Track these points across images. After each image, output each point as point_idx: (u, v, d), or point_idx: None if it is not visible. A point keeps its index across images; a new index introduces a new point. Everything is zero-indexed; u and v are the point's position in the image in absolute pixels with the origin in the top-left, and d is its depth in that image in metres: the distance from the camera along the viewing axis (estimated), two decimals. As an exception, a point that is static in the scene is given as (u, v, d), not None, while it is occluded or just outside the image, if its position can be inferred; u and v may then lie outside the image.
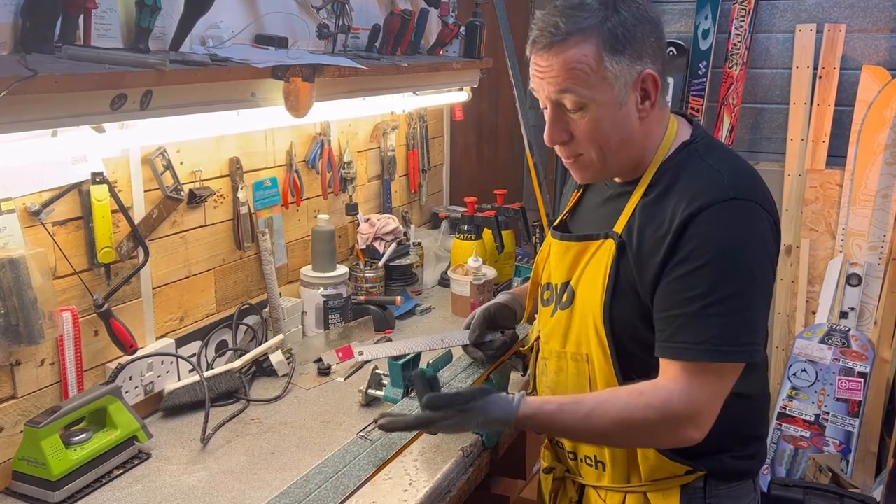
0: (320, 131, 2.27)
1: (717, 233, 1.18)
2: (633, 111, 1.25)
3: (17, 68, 1.02)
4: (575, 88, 1.22)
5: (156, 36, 1.35)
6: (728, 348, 1.17)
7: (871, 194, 2.88)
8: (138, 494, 1.44)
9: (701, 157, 1.28)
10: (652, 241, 1.24)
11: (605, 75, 1.21)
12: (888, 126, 2.83)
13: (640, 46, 1.22)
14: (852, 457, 2.81)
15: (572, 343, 1.35)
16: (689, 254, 1.19)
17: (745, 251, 1.19)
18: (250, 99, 1.56)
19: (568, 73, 1.22)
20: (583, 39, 1.20)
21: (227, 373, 1.82)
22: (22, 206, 1.43)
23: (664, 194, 1.26)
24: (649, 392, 1.20)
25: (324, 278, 2.18)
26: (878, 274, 2.89)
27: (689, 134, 1.33)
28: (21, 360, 1.46)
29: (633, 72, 1.22)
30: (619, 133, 1.26)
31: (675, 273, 1.20)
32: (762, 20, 3.11)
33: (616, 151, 1.28)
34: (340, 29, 1.84)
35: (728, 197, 1.20)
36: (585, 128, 1.26)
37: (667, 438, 1.23)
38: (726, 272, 1.17)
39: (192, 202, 1.82)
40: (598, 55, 1.20)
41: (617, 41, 1.20)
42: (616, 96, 1.22)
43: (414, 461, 1.54)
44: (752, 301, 1.18)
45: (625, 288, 1.27)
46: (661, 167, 1.29)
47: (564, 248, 1.38)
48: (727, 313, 1.17)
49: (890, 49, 2.93)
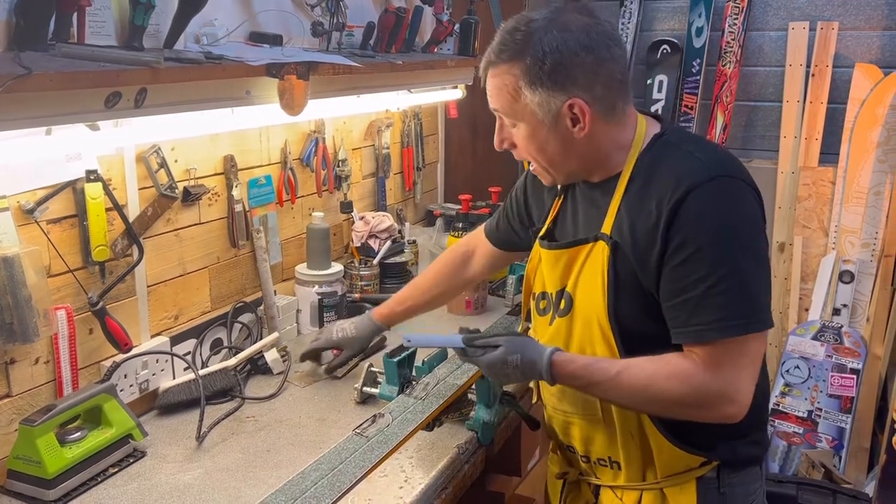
0: (315, 129, 2.27)
1: (708, 213, 1.20)
2: (566, 132, 1.27)
3: (11, 66, 1.02)
4: (503, 109, 1.31)
5: (150, 34, 1.34)
6: (740, 321, 1.19)
7: (863, 191, 2.89)
8: (133, 493, 1.43)
9: (676, 146, 1.30)
10: (644, 233, 1.25)
11: (526, 102, 1.25)
12: (880, 124, 2.85)
13: (566, 77, 1.22)
14: (845, 453, 2.83)
15: (575, 348, 1.35)
16: (685, 239, 1.20)
17: (737, 226, 1.21)
18: (245, 97, 1.56)
19: (497, 94, 1.29)
20: (506, 68, 1.26)
21: (222, 371, 1.82)
22: (16, 204, 1.42)
23: (646, 186, 1.27)
24: (675, 362, 1.23)
25: (318, 276, 2.18)
26: (871, 271, 2.90)
27: (660, 128, 1.35)
28: (15, 359, 1.46)
29: (557, 101, 1.24)
30: (553, 149, 1.30)
31: (674, 260, 1.22)
32: (755, 18, 3.12)
33: (558, 163, 1.33)
34: (335, 26, 1.84)
35: (711, 176, 1.22)
36: (520, 141, 1.32)
37: (701, 413, 1.24)
38: (724, 250, 1.20)
39: (187, 200, 1.82)
40: (515, 85, 1.25)
41: (535, 74, 1.23)
42: (541, 120, 1.27)
43: (409, 458, 1.54)
44: (753, 272, 1.21)
45: (626, 285, 1.28)
46: (638, 162, 1.30)
47: (554, 256, 1.39)
48: (733, 288, 1.19)
49: (882, 47, 2.95)
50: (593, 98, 1.25)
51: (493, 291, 2.49)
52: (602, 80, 1.25)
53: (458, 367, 1.64)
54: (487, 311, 2.38)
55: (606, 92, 1.26)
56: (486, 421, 1.62)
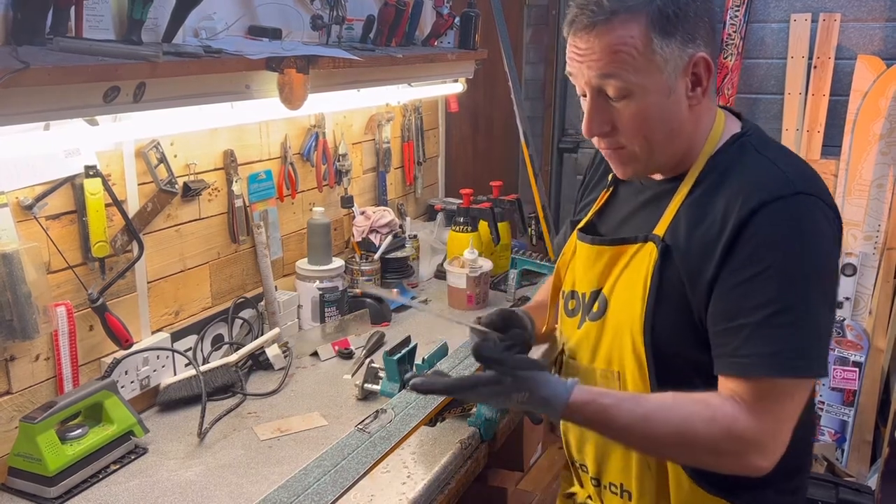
0: (315, 123, 2.26)
1: (782, 232, 1.05)
2: (683, 99, 1.13)
3: (9, 60, 1.01)
4: (620, 74, 1.09)
5: (148, 27, 1.33)
6: (800, 361, 1.04)
7: (865, 184, 2.88)
8: (135, 489, 1.43)
9: (756, 150, 1.15)
10: (703, 243, 1.10)
11: (654, 59, 1.08)
12: (883, 116, 2.83)
13: (693, 27, 1.09)
14: (847, 446, 2.82)
15: (602, 359, 1.22)
16: (750, 257, 1.06)
17: (812, 252, 1.05)
18: (244, 91, 1.55)
19: (612, 57, 1.09)
20: (629, 19, 1.08)
21: (223, 367, 1.82)
22: (15, 200, 1.42)
23: (714, 191, 1.13)
24: (716, 405, 1.06)
25: (319, 271, 2.17)
26: (873, 264, 2.89)
27: (740, 127, 1.20)
28: (16, 356, 1.45)
29: (685, 55, 1.09)
30: (668, 123, 1.13)
31: (734, 279, 1.07)
32: (757, 10, 3.10)
33: (663, 144, 1.15)
34: (335, 20, 1.83)
35: (792, 192, 1.06)
36: (630, 118, 1.12)
37: (730, 463, 1.07)
38: (794, 277, 1.04)
39: (187, 195, 1.81)
40: (646, 37, 1.07)
41: (668, 21, 1.07)
42: (666, 82, 1.10)
43: (412, 454, 1.54)
44: (820, 308, 1.06)
45: (670, 297, 1.13)
46: (710, 162, 1.16)
47: (595, 252, 1.24)
48: (797, 322, 1.03)
49: (885, 38, 2.93)
50: (712, 56, 1.11)
51: (494, 285, 2.49)
52: (716, 36, 1.14)
53: (461, 363, 1.63)
54: (489, 306, 2.37)
55: (716, 52, 1.15)
56: (488, 416, 1.62)
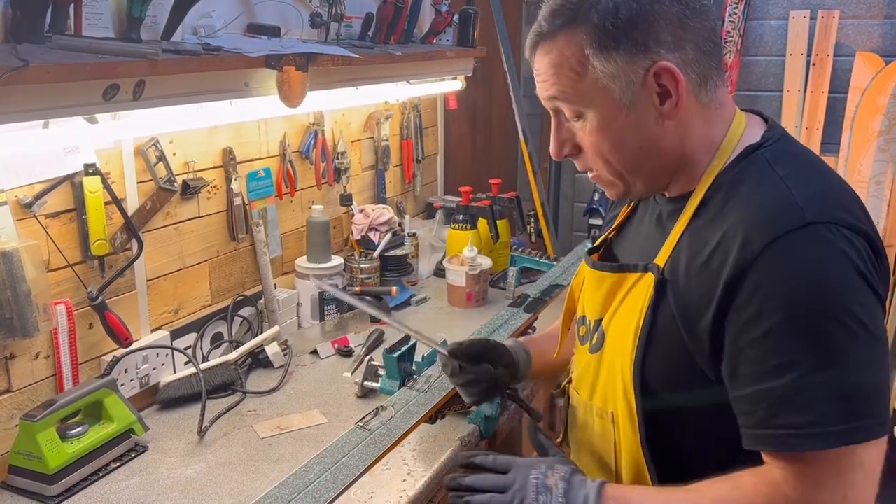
0: (314, 121, 2.26)
1: (794, 278, 0.88)
2: (650, 114, 0.99)
3: (8, 58, 1.01)
4: (563, 94, 1.00)
5: (147, 25, 1.33)
6: (843, 425, 0.86)
7: (864, 181, 2.88)
8: (135, 487, 1.43)
9: (769, 166, 0.98)
10: (701, 281, 0.96)
11: (596, 76, 0.97)
12: (882, 113, 2.83)
13: (644, 34, 0.95)
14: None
15: (599, 396, 1.11)
16: (761, 307, 0.89)
17: (840, 294, 0.88)
18: (243, 88, 1.55)
19: (555, 79, 1.00)
20: (565, 37, 0.97)
21: (222, 365, 1.82)
22: (14, 198, 1.41)
23: (716, 216, 0.98)
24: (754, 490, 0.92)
25: (319, 269, 2.17)
26: (872, 260, 2.90)
27: (760, 136, 1.03)
28: (15, 354, 1.45)
29: (638, 67, 0.96)
30: (633, 142, 1.00)
31: (747, 335, 0.91)
32: (756, 7, 3.10)
33: (634, 165, 1.03)
34: (333, 17, 1.83)
35: (802, 223, 0.90)
36: (588, 140, 1.03)
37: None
38: (817, 326, 0.87)
39: (186, 193, 1.81)
40: (580, 56, 0.96)
41: (605, 34, 0.95)
42: (619, 100, 0.98)
43: (412, 451, 1.54)
44: (861, 357, 0.88)
45: (664, 337, 1.00)
46: (717, 180, 1.01)
47: (598, 278, 1.12)
48: (831, 380, 0.87)
49: (883, 35, 2.93)
50: (684, 61, 0.96)
51: (493, 283, 2.49)
52: (693, 37, 0.96)
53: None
54: (489, 304, 2.37)
55: (699, 55, 0.97)
56: (487, 414, 1.62)
